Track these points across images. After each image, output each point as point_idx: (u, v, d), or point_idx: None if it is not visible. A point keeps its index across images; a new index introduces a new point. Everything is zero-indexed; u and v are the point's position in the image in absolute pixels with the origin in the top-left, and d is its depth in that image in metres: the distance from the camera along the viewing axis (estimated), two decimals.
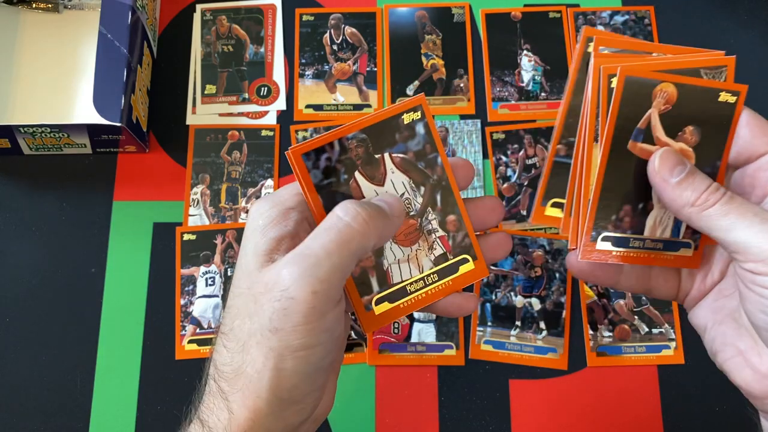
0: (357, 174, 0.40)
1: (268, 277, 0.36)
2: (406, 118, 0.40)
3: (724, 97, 0.38)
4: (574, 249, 0.40)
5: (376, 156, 0.40)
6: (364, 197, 0.40)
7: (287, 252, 0.36)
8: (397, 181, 0.41)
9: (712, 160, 0.39)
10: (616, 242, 0.39)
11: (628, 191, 0.39)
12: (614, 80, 0.37)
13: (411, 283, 0.41)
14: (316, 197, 0.39)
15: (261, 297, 0.35)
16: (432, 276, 0.41)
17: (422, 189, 0.41)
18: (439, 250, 0.42)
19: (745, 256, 0.35)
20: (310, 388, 0.37)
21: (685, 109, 0.38)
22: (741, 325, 0.39)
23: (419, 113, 0.40)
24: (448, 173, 0.41)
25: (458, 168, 0.42)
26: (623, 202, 0.39)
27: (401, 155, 0.40)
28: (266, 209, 0.38)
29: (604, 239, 0.39)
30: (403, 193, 0.41)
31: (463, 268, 0.42)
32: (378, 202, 0.38)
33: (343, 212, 0.36)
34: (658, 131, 0.38)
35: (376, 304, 0.41)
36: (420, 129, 0.40)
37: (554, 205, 0.41)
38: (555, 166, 0.40)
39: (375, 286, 0.41)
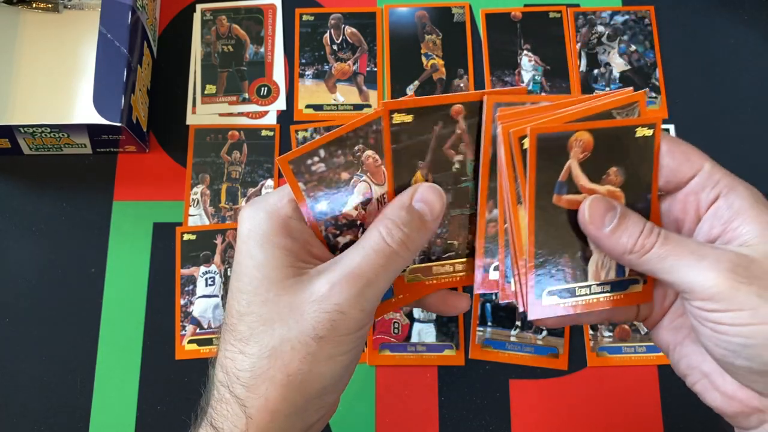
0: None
1: (314, 289, 0.36)
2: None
3: (641, 131, 0.38)
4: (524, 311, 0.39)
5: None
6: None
7: (313, 260, 0.38)
8: None
9: (643, 195, 0.39)
10: (562, 294, 0.39)
11: (563, 243, 0.38)
12: (525, 141, 0.36)
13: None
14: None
15: (303, 306, 0.36)
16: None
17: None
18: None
19: (692, 295, 0.35)
20: (336, 388, 0.38)
21: (604, 152, 0.38)
22: (701, 347, 0.39)
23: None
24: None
25: None
26: (560, 255, 0.39)
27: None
28: (263, 218, 0.38)
29: (549, 294, 0.39)
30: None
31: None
32: (420, 206, 0.38)
33: (388, 236, 0.37)
34: (582, 179, 0.38)
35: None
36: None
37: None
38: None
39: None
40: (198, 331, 0.61)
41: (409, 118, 0.38)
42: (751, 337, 0.35)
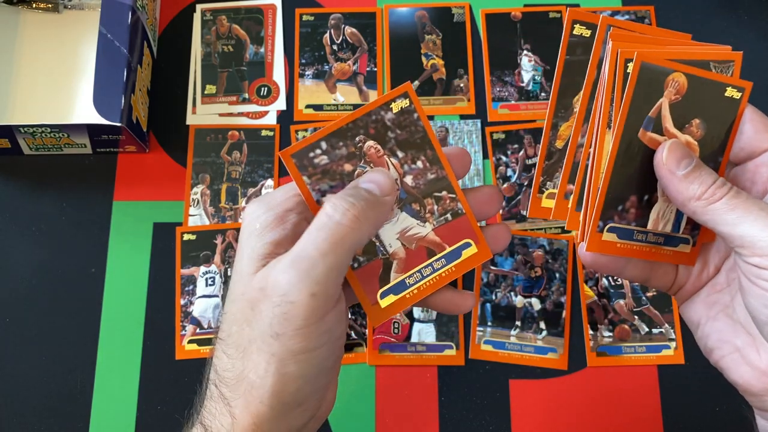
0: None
1: (264, 282, 0.35)
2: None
3: (730, 92, 0.38)
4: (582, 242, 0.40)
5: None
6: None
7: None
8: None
9: (715, 155, 0.39)
10: (621, 234, 0.39)
11: (635, 181, 0.39)
12: (630, 65, 0.37)
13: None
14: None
15: (259, 303, 0.35)
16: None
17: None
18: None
19: (751, 251, 0.35)
20: (313, 389, 0.37)
21: (693, 101, 0.38)
22: (736, 321, 0.39)
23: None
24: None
25: (454, 157, 0.41)
26: (630, 193, 0.39)
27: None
28: (262, 212, 0.38)
29: (610, 230, 0.39)
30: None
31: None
32: (366, 185, 0.37)
33: (332, 209, 0.36)
34: (668, 122, 0.38)
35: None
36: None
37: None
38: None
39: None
40: (198, 331, 0.61)
41: (588, 33, 0.38)
42: None
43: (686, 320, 0.42)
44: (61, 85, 0.66)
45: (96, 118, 0.60)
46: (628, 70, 0.37)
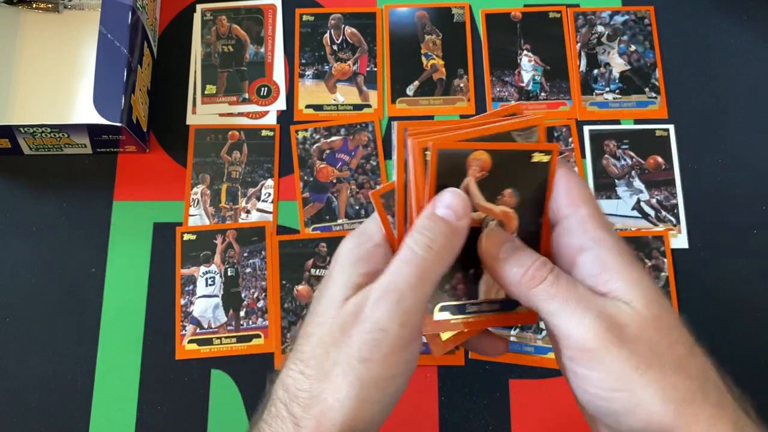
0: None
1: (356, 310, 0.37)
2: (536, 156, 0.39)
3: (537, 157, 0.38)
4: None
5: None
6: None
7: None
8: None
9: (535, 217, 0.39)
10: (453, 311, 0.40)
11: (458, 259, 0.39)
12: (428, 153, 0.37)
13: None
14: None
15: (350, 328, 0.37)
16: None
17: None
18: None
19: (567, 343, 0.36)
20: (381, 417, 0.38)
21: (501, 173, 0.38)
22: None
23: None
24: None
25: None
26: (454, 271, 0.39)
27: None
28: (355, 245, 0.40)
29: (442, 309, 0.40)
30: None
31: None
32: (442, 212, 0.38)
33: (414, 244, 0.37)
34: (478, 198, 0.38)
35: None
36: None
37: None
38: None
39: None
40: (198, 331, 0.61)
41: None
42: (614, 401, 0.36)
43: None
44: (61, 85, 0.66)
45: (96, 118, 0.60)
46: (427, 159, 0.37)
